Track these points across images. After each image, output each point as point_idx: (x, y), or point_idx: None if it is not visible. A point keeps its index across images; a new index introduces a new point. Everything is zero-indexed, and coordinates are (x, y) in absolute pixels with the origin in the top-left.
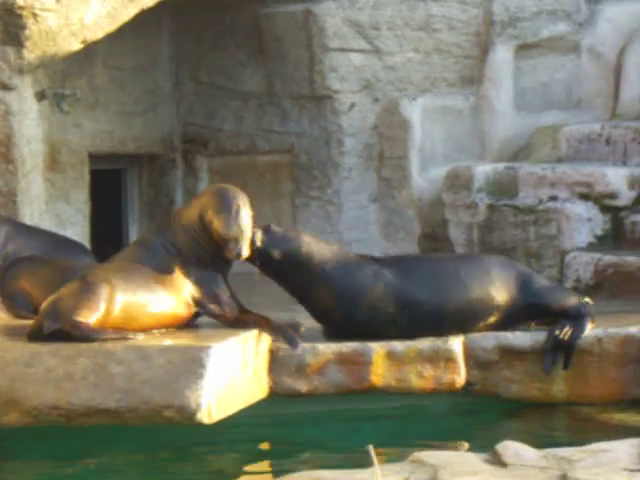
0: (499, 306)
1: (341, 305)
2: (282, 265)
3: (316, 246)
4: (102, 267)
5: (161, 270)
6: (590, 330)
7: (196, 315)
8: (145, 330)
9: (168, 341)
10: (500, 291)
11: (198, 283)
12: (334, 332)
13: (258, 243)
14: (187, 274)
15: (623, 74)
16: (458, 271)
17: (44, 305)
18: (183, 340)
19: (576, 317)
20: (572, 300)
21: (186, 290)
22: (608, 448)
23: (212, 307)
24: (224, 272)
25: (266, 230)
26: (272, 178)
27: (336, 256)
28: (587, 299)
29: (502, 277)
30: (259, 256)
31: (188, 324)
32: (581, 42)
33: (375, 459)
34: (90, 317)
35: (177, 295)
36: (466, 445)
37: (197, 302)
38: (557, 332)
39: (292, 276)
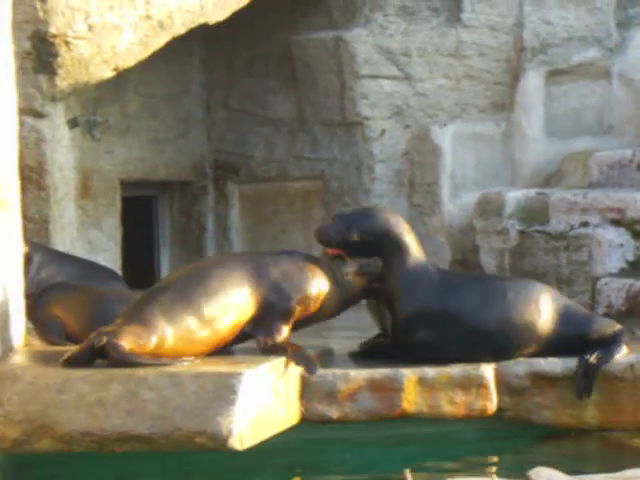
0: (540, 337)
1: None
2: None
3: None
4: (148, 297)
5: (215, 296)
6: (623, 356)
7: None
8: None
9: (200, 367)
10: (545, 321)
11: (261, 308)
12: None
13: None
14: (247, 292)
15: None
16: (495, 295)
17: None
18: (215, 366)
19: (610, 343)
20: (610, 329)
21: (241, 315)
22: None
23: (260, 336)
24: None
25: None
26: (303, 204)
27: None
28: (619, 326)
29: (549, 307)
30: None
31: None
32: (612, 68)
33: None
34: (138, 347)
35: (230, 321)
36: (494, 469)
37: (249, 325)
38: (587, 357)
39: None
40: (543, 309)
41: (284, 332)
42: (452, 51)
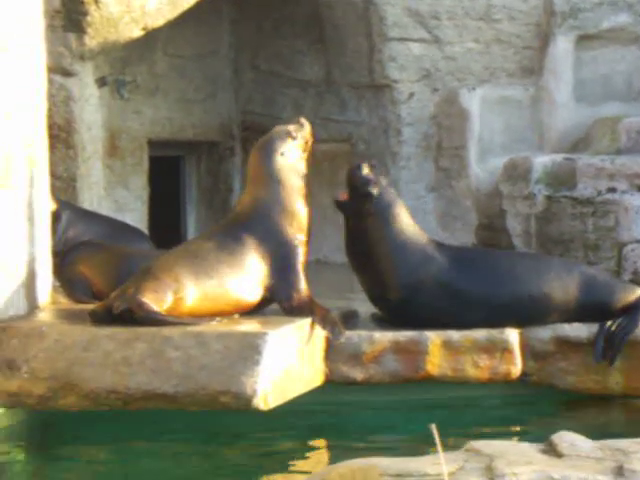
0: (557, 307)
1: (398, 279)
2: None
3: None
4: (167, 257)
5: (230, 256)
6: None
7: (268, 300)
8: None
9: (225, 327)
10: (558, 292)
11: (273, 267)
12: (386, 313)
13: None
14: (260, 255)
15: None
16: (514, 267)
17: (113, 292)
18: (240, 326)
19: (632, 311)
20: (633, 295)
21: (258, 276)
22: None
23: (282, 299)
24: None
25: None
26: (330, 167)
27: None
28: None
29: (561, 278)
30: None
31: (260, 308)
32: None
33: (438, 438)
34: (156, 304)
35: (247, 283)
36: (520, 437)
37: (269, 289)
38: (609, 324)
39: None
40: (554, 278)
41: (302, 287)
42: (482, 14)
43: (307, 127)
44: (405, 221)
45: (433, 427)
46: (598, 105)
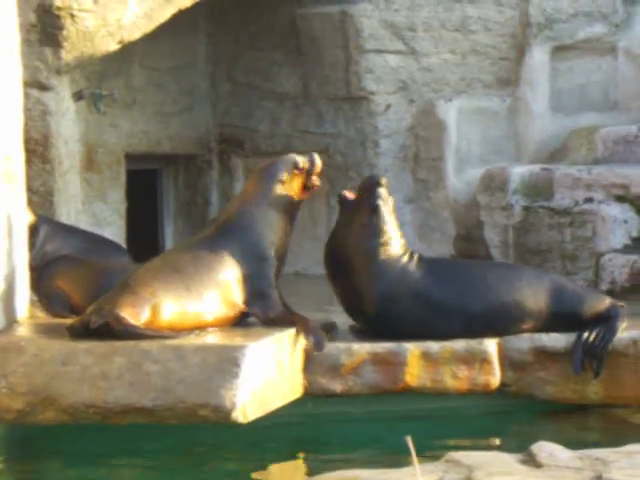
0: (530, 314)
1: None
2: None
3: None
4: (143, 270)
5: (206, 269)
6: (624, 332)
7: (245, 314)
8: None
9: (204, 340)
10: (530, 299)
11: (249, 280)
12: (363, 324)
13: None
14: (238, 269)
15: None
16: (486, 276)
17: (90, 307)
18: (218, 339)
19: (606, 320)
20: (604, 304)
21: (234, 290)
22: None
23: (259, 311)
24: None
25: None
26: None
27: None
28: (620, 302)
29: (532, 285)
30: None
31: (237, 322)
32: (618, 44)
33: (413, 450)
34: (134, 318)
35: (223, 296)
36: (500, 447)
37: (246, 303)
38: (585, 335)
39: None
40: (525, 286)
41: (276, 301)
42: (458, 26)
43: (317, 164)
44: (394, 237)
45: (408, 439)
46: (575, 115)
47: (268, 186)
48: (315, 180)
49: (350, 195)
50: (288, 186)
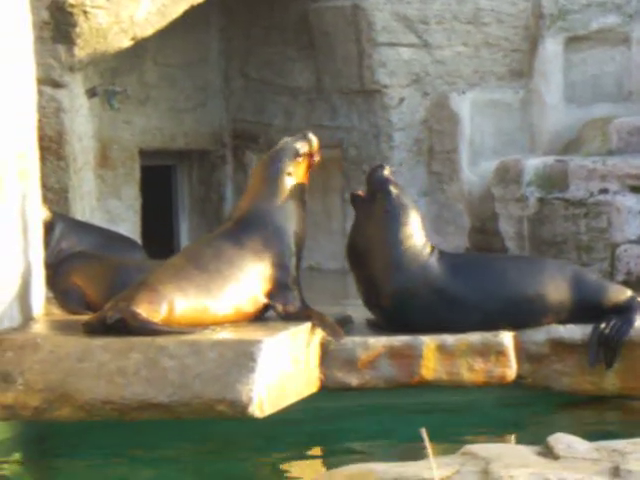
0: (552, 307)
1: (390, 284)
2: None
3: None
4: (163, 268)
5: (228, 264)
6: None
7: (266, 308)
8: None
9: (220, 335)
10: (552, 292)
11: (271, 274)
12: (380, 318)
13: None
14: (260, 263)
15: None
16: (507, 270)
17: (107, 303)
18: (234, 334)
19: (624, 312)
20: (624, 295)
21: (255, 284)
22: None
23: (279, 305)
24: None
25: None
26: (322, 173)
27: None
28: (631, 292)
29: (554, 278)
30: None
31: (258, 316)
32: (631, 34)
33: (428, 442)
34: (150, 315)
35: (244, 292)
36: (516, 439)
37: (267, 297)
38: (603, 326)
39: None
40: (548, 280)
41: (297, 296)
42: (470, 18)
43: (314, 143)
44: (414, 227)
45: (423, 431)
46: (588, 106)
47: (277, 179)
48: (317, 158)
49: (361, 193)
50: (295, 175)
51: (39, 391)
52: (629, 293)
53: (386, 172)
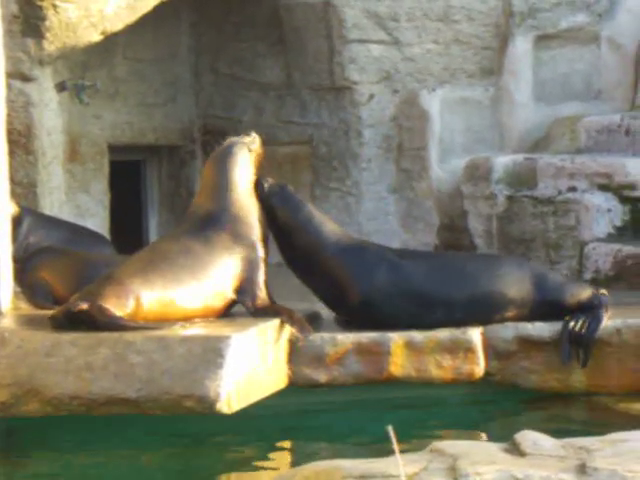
0: (511, 302)
1: (358, 284)
2: (286, 223)
3: (322, 219)
4: (130, 262)
5: (196, 260)
6: (608, 321)
7: (234, 304)
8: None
9: (188, 331)
10: (511, 288)
11: (239, 269)
12: (345, 315)
13: (265, 185)
14: (228, 258)
15: None
16: (465, 266)
17: (73, 296)
18: (203, 330)
19: (591, 310)
20: (586, 293)
21: (224, 280)
22: (627, 438)
23: (247, 300)
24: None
25: (280, 185)
26: (291, 169)
27: (345, 236)
28: (602, 290)
29: (513, 274)
30: (264, 200)
31: (226, 311)
32: (601, 33)
33: (395, 440)
34: (118, 309)
35: (212, 287)
36: (484, 436)
37: (236, 292)
38: (572, 324)
39: (295, 240)
40: (505, 275)
41: (266, 291)
42: (441, 16)
43: (258, 141)
44: (327, 223)
45: (390, 429)
46: (558, 105)
47: (234, 173)
48: (261, 154)
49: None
50: (248, 170)
51: (7, 386)
52: (590, 290)
53: (266, 185)
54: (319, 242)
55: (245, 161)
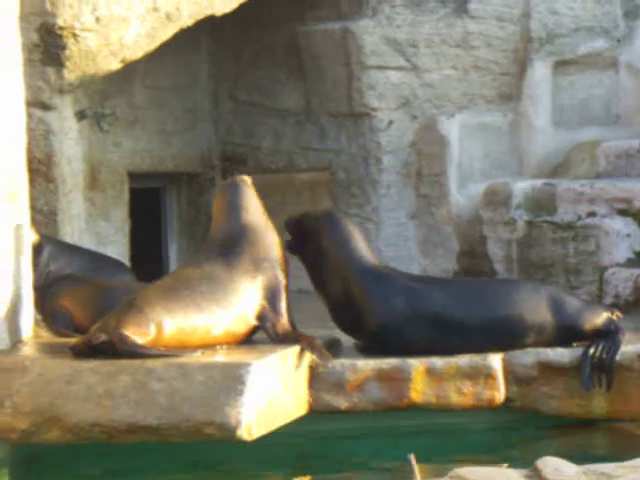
0: (529, 327)
1: (376, 309)
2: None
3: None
4: (151, 289)
5: (218, 286)
6: (628, 346)
7: (255, 330)
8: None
9: (208, 358)
10: (528, 312)
11: (264, 297)
12: (364, 341)
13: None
14: (251, 285)
15: None
16: (483, 291)
17: (94, 325)
18: (223, 357)
19: (608, 334)
20: (602, 318)
21: (246, 306)
22: None
23: (269, 326)
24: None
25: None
26: (310, 196)
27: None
28: (617, 312)
29: (530, 299)
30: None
31: (248, 337)
32: (619, 58)
33: (416, 468)
34: (138, 337)
35: (234, 314)
36: (505, 463)
37: (258, 318)
38: (591, 351)
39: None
40: (522, 300)
41: (287, 318)
42: (459, 42)
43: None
44: (363, 250)
45: (412, 457)
46: (576, 130)
47: (245, 195)
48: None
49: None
50: (255, 194)
51: (27, 414)
52: (606, 314)
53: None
54: (349, 263)
55: (250, 187)
